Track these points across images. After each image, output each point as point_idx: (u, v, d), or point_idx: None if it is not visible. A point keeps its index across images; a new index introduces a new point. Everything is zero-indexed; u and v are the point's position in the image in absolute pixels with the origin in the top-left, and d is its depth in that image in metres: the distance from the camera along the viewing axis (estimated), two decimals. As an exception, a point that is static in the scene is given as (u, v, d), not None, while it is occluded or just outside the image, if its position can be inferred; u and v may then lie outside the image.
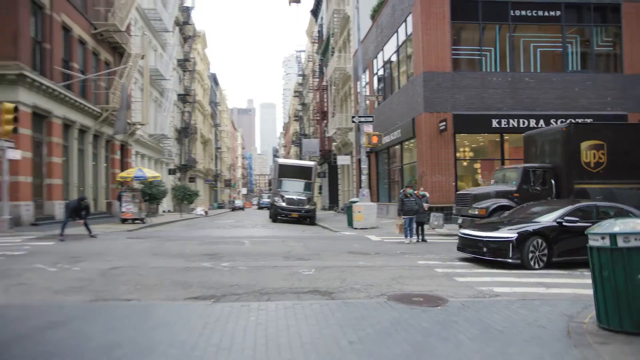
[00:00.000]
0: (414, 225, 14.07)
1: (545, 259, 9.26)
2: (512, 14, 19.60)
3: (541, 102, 19.44)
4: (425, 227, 14.63)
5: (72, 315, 5.64)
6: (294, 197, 25.43)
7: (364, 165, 19.92)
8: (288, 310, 5.88)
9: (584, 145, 13.85)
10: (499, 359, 4.33)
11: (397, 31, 22.73)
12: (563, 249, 9.39)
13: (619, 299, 4.94)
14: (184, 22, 50.75)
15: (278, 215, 25.76)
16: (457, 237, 11.15)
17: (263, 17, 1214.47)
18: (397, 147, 23.61)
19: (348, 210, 20.04)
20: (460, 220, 14.52)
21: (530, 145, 15.72)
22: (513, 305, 6.34)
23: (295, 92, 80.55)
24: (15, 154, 15.98)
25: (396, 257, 10.99)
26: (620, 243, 4.90)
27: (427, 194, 15.55)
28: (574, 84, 19.68)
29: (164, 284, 7.63)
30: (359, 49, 21.61)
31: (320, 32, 51.86)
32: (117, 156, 29.57)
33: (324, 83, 45.93)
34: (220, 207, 77.17)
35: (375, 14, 27.47)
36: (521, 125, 18.99)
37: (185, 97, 50.75)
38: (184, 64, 51.07)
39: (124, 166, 30.38)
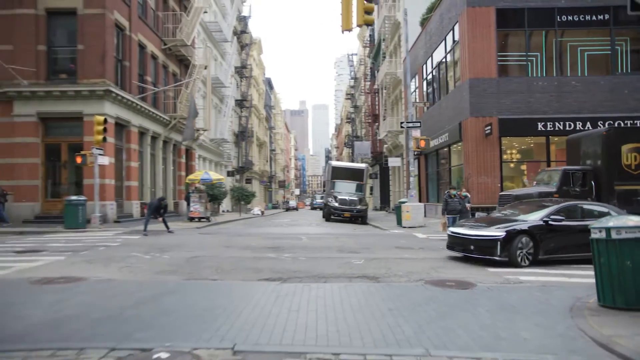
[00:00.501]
0: (454, 223, 15.14)
1: (531, 257, 9.63)
2: (558, 19, 20.12)
3: (588, 105, 19.84)
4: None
5: (174, 289, 7.33)
6: (347, 197, 26.85)
7: (412, 168, 21.07)
8: (341, 289, 7.31)
9: (625, 148, 14.43)
10: (504, 323, 5.55)
11: (445, 39, 23.67)
12: (549, 247, 9.79)
13: (612, 281, 6.04)
14: (241, 31, 53.36)
15: (331, 214, 27.24)
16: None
17: (315, 19, 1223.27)
18: (445, 149, 24.52)
19: (397, 210, 21.26)
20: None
21: (573, 148, 16.36)
22: (532, 290, 7.49)
23: (347, 94, 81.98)
24: (104, 160, 18.38)
25: (438, 251, 12.17)
26: (614, 235, 5.99)
27: (469, 195, 16.52)
28: (623, 86, 19.92)
29: (239, 269, 9.27)
30: (407, 58, 22.72)
31: (371, 36, 53.00)
32: (183, 160, 32.12)
33: (376, 86, 47.06)
34: (274, 207, 79.79)
35: (424, 21, 28.42)
36: (567, 128, 19.49)
37: (242, 103, 53.35)
38: (241, 71, 53.69)
39: (188, 169, 32.95)
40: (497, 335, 5.09)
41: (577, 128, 19.29)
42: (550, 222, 9.80)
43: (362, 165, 31.56)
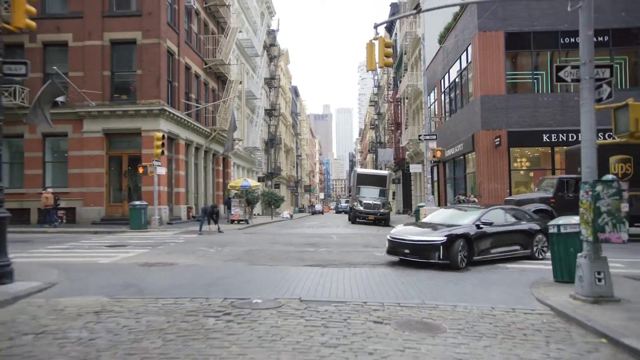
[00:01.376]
0: None
1: (466, 259, 10.40)
2: (561, 41, 22.28)
3: (589, 118, 21.89)
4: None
5: (244, 270, 10.04)
6: (371, 202, 29.39)
7: (429, 176, 23.51)
8: (367, 271, 9.90)
9: (613, 159, 16.63)
10: (481, 291, 8.03)
11: (459, 57, 26.04)
12: (481, 249, 10.72)
13: (561, 263, 8.47)
14: (270, 45, 56.47)
15: (356, 217, 29.78)
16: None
17: (338, 23, 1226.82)
18: (461, 157, 26.83)
19: (416, 213, 23.72)
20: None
21: (571, 158, 18.56)
22: (512, 272, 9.96)
23: (371, 101, 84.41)
24: (161, 170, 21.40)
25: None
26: (562, 230, 8.43)
27: (476, 200, 18.87)
28: (622, 101, 21.90)
29: (288, 258, 11.94)
30: (424, 79, 25.18)
31: (394, 47, 55.41)
32: (220, 167, 35.15)
33: (398, 96, 49.46)
34: (300, 211, 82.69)
35: (442, 39, 30.77)
36: (570, 139, 21.62)
37: (271, 112, 56.41)
38: (270, 82, 56.78)
39: (225, 176, 36.00)
40: (472, 296, 7.61)
41: (579, 139, 21.37)
42: (481, 226, 10.79)
43: (385, 172, 34.06)
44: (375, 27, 12.56)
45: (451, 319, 6.11)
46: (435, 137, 23.38)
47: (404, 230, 11.39)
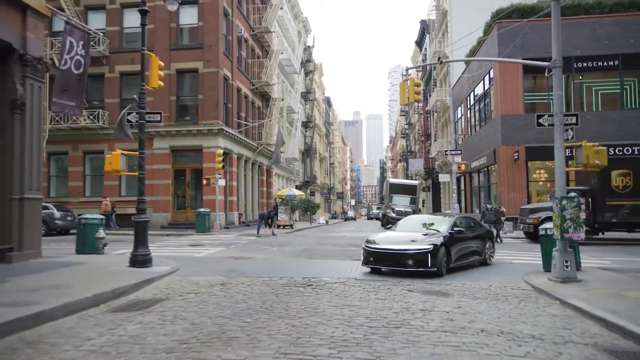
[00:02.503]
0: (494, 231, 20.18)
1: (446, 265, 10.71)
2: (575, 65, 24.82)
3: (601, 135, 24.28)
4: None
5: (306, 262, 13.23)
6: (402, 209, 32.31)
7: (454, 187, 26.34)
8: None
9: (614, 173, 19.16)
10: (485, 276, 10.98)
11: (483, 79, 28.79)
12: (456, 256, 11.15)
13: (548, 258, 11.32)
14: (306, 61, 60.06)
15: (389, 223, 32.71)
16: (520, 239, 17.19)
17: (368, 30, 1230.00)
18: (485, 169, 29.51)
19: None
20: (522, 227, 20.48)
21: (579, 172, 21.13)
22: (514, 264, 12.83)
23: (401, 111, 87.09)
24: (222, 182, 24.95)
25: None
26: (548, 232, 11.31)
27: (505, 210, 21.61)
28: (631, 119, 24.31)
29: (336, 255, 15.11)
30: (450, 99, 28.01)
31: (424, 60, 58.15)
32: (264, 177, 38.70)
33: (428, 108, 52.17)
34: (333, 217, 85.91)
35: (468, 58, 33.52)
36: (583, 154, 24.09)
37: (307, 124, 59.92)
38: (306, 95, 60.34)
39: (268, 185, 39.51)
40: (476, 279, 10.57)
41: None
42: (454, 234, 11.23)
43: (415, 182, 36.97)
44: (407, 70, 15.69)
45: (459, 291, 9.11)
46: (460, 152, 26.23)
47: (383, 239, 11.28)
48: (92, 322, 6.53)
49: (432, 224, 11.47)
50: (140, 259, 11.19)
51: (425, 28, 53.66)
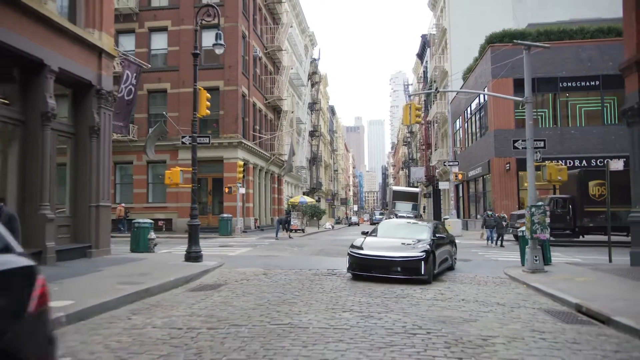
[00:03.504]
0: (495, 235, 22.55)
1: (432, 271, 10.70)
2: (560, 85, 27.51)
3: (584, 148, 27.00)
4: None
5: (324, 259, 15.86)
6: (404, 214, 34.93)
7: (452, 194, 28.99)
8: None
9: (591, 183, 21.79)
10: (473, 268, 13.61)
11: (478, 95, 31.50)
12: (438, 261, 11.19)
13: (523, 255, 13.94)
14: (312, 73, 62.91)
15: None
16: (510, 241, 19.80)
17: (370, 35, 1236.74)
18: (480, 178, 32.15)
19: (442, 224, 29.17)
20: (511, 230, 23.07)
21: (564, 182, 23.72)
22: (499, 261, 15.46)
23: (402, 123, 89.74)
24: (242, 190, 27.64)
25: (460, 248, 20.10)
26: (525, 234, 13.94)
27: (506, 216, 24.20)
28: (611, 133, 26.95)
29: (349, 254, 17.71)
30: (449, 115, 30.68)
31: (425, 73, 60.97)
32: (275, 185, 41.39)
33: (429, 119, 54.89)
34: (337, 222, 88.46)
35: (465, 75, 36.27)
36: (568, 165, 26.68)
37: (313, 133, 62.68)
38: (312, 106, 63.13)
39: (279, 192, 42.19)
40: (470, 271, 13.19)
41: (575, 165, 26.51)
42: (435, 240, 11.50)
43: (416, 190, 39.64)
44: (410, 96, 18.32)
45: (450, 278, 11.72)
46: (457, 163, 28.91)
47: (369, 245, 11.13)
48: (185, 296, 9.15)
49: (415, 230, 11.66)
50: (193, 255, 13.82)
51: (426, 42, 56.48)
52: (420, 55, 63.73)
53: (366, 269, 10.67)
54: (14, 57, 11.27)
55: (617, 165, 14.91)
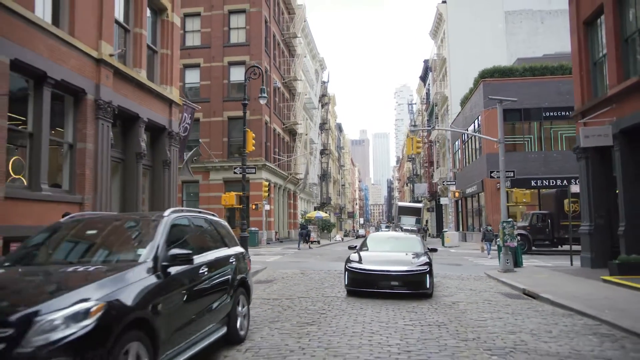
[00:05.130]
0: (490, 247, 26.33)
1: None
2: (544, 115, 31.57)
3: (565, 169, 30.88)
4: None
5: (336, 266, 19.87)
6: (409, 227, 38.85)
7: (451, 210, 32.94)
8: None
9: (565, 201, 25.72)
10: (461, 270, 17.56)
11: (473, 122, 35.60)
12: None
13: (500, 259, 17.91)
14: (322, 95, 67.36)
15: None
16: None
17: (373, 48, 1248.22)
18: (476, 195, 36.11)
19: (442, 235, 33.10)
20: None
21: (544, 199, 27.68)
22: (484, 265, 19.40)
23: (408, 136, 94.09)
24: (267, 207, 31.74)
25: (453, 256, 24.03)
26: (505, 243, 17.93)
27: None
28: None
29: (363, 260, 21.73)
30: (448, 142, 34.76)
31: (427, 94, 65.26)
32: (291, 201, 45.50)
33: (431, 138, 59.02)
34: (345, 235, 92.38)
35: (462, 102, 40.43)
36: (551, 184, 30.67)
37: (323, 151, 66.91)
38: (322, 126, 67.46)
39: (294, 207, 46.27)
40: (458, 272, 17.15)
41: (557, 184, 30.45)
42: (427, 251, 12.09)
43: (419, 205, 43.66)
44: (413, 126, 22.35)
45: (441, 275, 15.67)
46: (454, 182, 32.96)
47: (368, 259, 10.87)
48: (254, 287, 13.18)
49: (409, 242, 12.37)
50: (244, 260, 17.89)
51: (428, 67, 60.82)
52: (423, 78, 68.07)
53: (369, 285, 10.25)
54: (125, 114, 15.50)
55: (575, 188, 18.81)
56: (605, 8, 14.91)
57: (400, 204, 44.07)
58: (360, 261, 10.84)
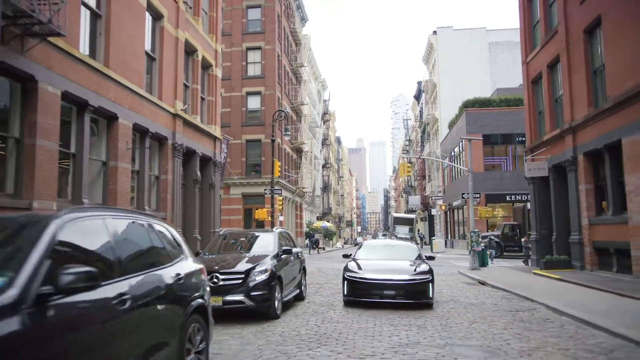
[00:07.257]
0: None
1: None
2: (516, 139, 36.97)
3: (535, 186, 36.26)
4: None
5: (341, 266, 25.15)
6: (403, 236, 44.13)
7: (438, 221, 38.22)
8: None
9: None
10: (441, 269, 22.76)
11: (458, 144, 41.02)
12: None
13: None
14: (324, 113, 72.82)
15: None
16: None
17: (370, 57, 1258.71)
18: (461, 208, 41.40)
19: (430, 243, 38.35)
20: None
21: (515, 212, 33.00)
22: (460, 266, 24.66)
23: (403, 150, 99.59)
24: (281, 218, 36.94)
25: (439, 260, 29.26)
26: (474, 248, 23.20)
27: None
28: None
29: (364, 262, 26.99)
30: (438, 161, 40.12)
31: (421, 113, 70.78)
32: (297, 212, 50.73)
33: (424, 154, 64.44)
34: (345, 242, 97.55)
35: (450, 125, 45.86)
36: (523, 199, 35.98)
37: (325, 165, 72.25)
38: (324, 141, 72.85)
39: (300, 217, 51.48)
40: (437, 271, 22.36)
41: (527, 199, 35.69)
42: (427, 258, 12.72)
43: (412, 216, 49.02)
44: (406, 152, 27.62)
45: (425, 272, 20.84)
46: (441, 197, 38.24)
47: (366, 268, 10.52)
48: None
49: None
50: (273, 261, 23.11)
51: (421, 89, 66.42)
52: (417, 97, 73.64)
53: (370, 295, 10.00)
54: (187, 151, 20.75)
55: (529, 205, 24.10)
56: (543, 75, 20.30)
57: (395, 215, 49.41)
58: (358, 270, 10.45)
